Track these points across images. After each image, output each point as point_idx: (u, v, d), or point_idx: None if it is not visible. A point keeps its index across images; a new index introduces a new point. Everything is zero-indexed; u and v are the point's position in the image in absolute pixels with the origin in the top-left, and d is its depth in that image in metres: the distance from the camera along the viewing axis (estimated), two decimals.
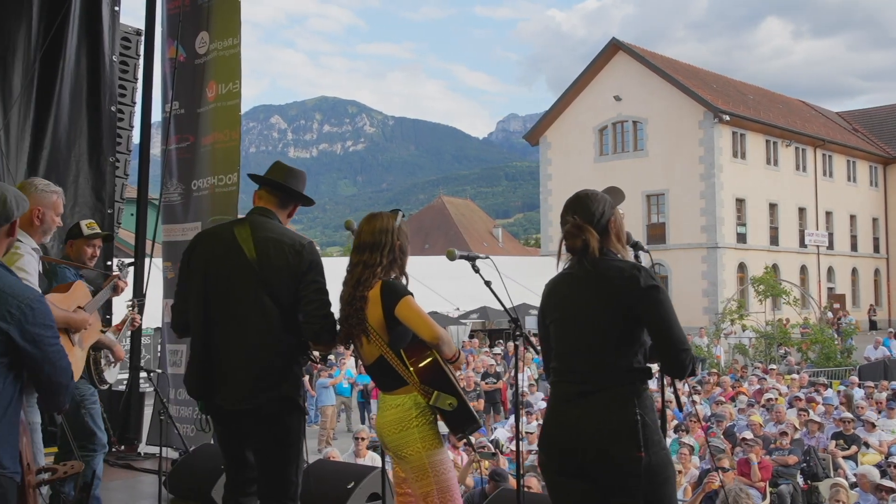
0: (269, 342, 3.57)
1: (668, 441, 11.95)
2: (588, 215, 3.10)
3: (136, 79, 8.79)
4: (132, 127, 8.75)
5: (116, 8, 8.34)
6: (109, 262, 7.73)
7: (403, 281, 3.67)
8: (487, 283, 3.63)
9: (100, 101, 8.11)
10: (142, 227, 8.39)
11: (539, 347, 3.31)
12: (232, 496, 3.85)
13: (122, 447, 7.76)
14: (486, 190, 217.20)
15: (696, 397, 15.59)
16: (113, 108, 8.27)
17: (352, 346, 3.74)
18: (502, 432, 14.19)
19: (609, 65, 38.61)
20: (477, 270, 3.78)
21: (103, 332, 5.26)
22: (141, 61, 8.63)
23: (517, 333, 3.58)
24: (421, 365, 3.53)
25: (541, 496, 5.46)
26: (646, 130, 37.25)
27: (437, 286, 25.99)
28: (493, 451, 4.02)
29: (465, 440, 3.69)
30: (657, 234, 36.62)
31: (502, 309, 3.73)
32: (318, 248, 3.83)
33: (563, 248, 3.15)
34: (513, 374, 18.96)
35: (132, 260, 5.55)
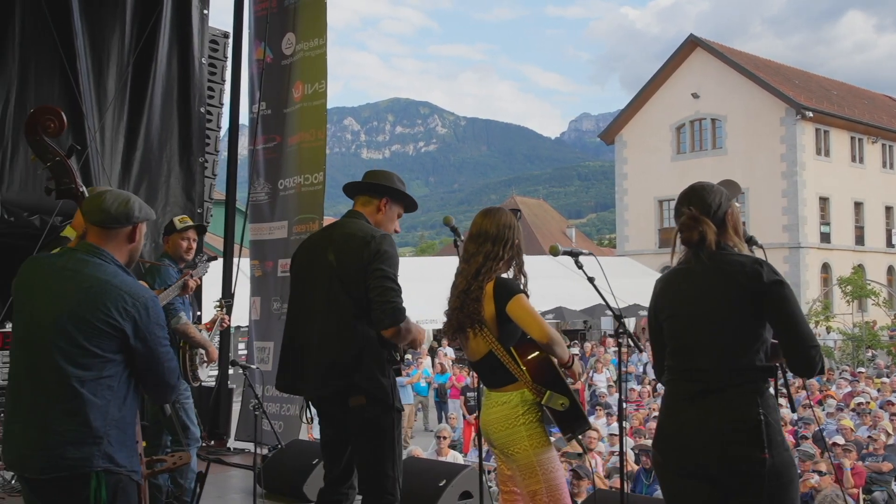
0: (341, 333, 3.59)
1: None
2: (704, 207, 3.00)
3: (224, 80, 8.95)
4: (220, 128, 8.91)
5: (206, 11, 8.52)
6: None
7: (522, 281, 3.63)
8: (591, 280, 3.56)
9: (190, 103, 8.29)
10: (230, 226, 8.53)
11: (645, 346, 3.23)
12: (328, 489, 3.86)
13: (212, 442, 7.90)
14: (558, 190, 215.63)
15: (781, 400, 15.17)
16: (202, 110, 8.44)
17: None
18: None
19: (686, 62, 37.90)
20: (580, 266, 3.71)
21: (199, 330, 5.35)
22: (229, 63, 8.78)
23: (621, 331, 3.49)
24: (533, 363, 3.48)
25: (635, 497, 5.36)
26: (725, 128, 36.45)
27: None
28: (581, 451, 3.94)
29: (574, 440, 3.58)
30: None
31: (578, 310, 3.70)
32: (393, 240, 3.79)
33: (678, 241, 3.05)
34: (591, 374, 18.77)
35: (209, 256, 5.55)
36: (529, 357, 3.48)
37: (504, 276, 3.59)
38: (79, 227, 3.62)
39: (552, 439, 3.51)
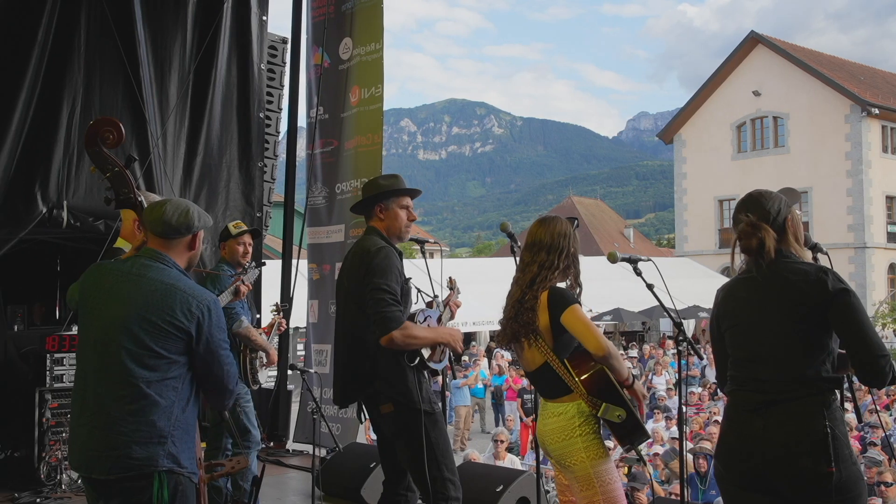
0: (356, 345, 3.81)
1: None
2: (763, 213, 2.94)
3: (283, 86, 9.06)
4: (279, 132, 9.02)
5: (264, 18, 8.63)
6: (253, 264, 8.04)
7: (577, 290, 3.62)
8: (650, 287, 3.50)
9: (249, 109, 8.40)
10: (288, 230, 8.63)
11: (705, 349, 3.18)
12: (385, 490, 4.01)
13: (272, 444, 7.99)
14: (616, 190, 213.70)
15: (846, 405, 14.79)
16: (261, 115, 8.56)
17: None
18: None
19: (747, 59, 37.26)
20: (639, 273, 3.66)
21: (259, 334, 5.42)
22: (287, 68, 8.89)
23: (680, 339, 3.44)
24: (587, 375, 3.45)
25: None
26: (787, 126, 35.75)
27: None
28: (638, 457, 3.88)
29: (632, 450, 3.57)
30: None
31: (636, 311, 3.65)
32: (390, 251, 3.89)
33: (738, 248, 3.00)
34: (650, 377, 18.56)
35: (257, 262, 5.59)
36: (584, 368, 3.45)
37: (560, 285, 3.57)
38: (129, 236, 3.71)
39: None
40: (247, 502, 5.08)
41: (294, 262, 8.22)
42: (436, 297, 4.24)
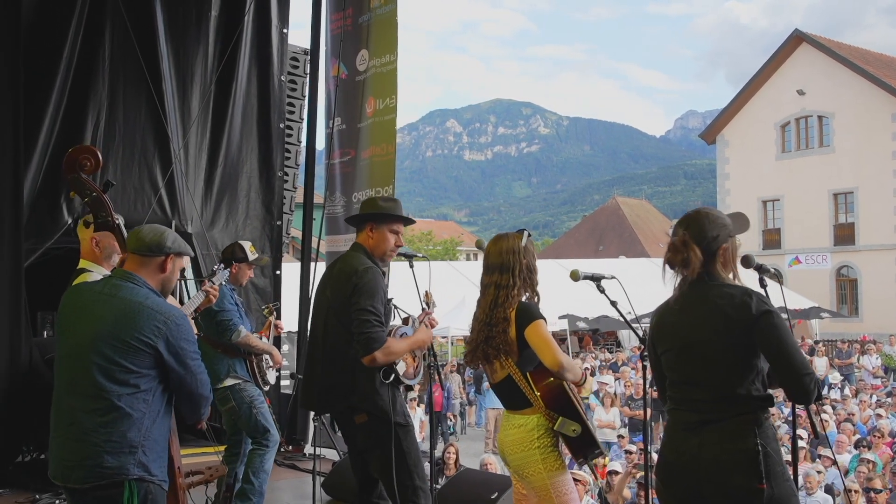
0: (336, 360, 3.93)
1: (848, 457, 11.29)
2: (700, 235, 3.01)
3: (304, 96, 9.24)
4: (300, 142, 9.20)
5: (285, 31, 8.83)
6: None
7: (536, 300, 3.72)
8: (613, 304, 3.59)
9: (269, 119, 8.61)
10: (307, 236, 8.80)
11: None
12: (359, 497, 4.16)
13: (290, 448, 8.17)
14: (663, 189, 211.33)
15: (880, 410, 14.59)
16: (282, 125, 8.75)
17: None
18: None
19: (791, 57, 36.70)
20: (602, 291, 3.75)
21: (260, 338, 5.58)
22: (308, 79, 9.07)
23: (645, 354, 3.50)
24: (546, 389, 3.55)
25: None
26: (832, 125, 35.15)
27: (609, 289, 25.58)
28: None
29: (586, 465, 3.68)
30: (845, 234, 34.48)
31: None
32: (374, 272, 3.98)
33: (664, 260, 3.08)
34: None
35: (224, 264, 5.44)
36: (544, 383, 3.55)
37: (525, 300, 3.66)
38: (88, 254, 3.95)
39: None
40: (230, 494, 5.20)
41: (312, 265, 8.38)
42: (409, 316, 4.36)
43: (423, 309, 4.34)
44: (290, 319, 8.62)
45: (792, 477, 2.93)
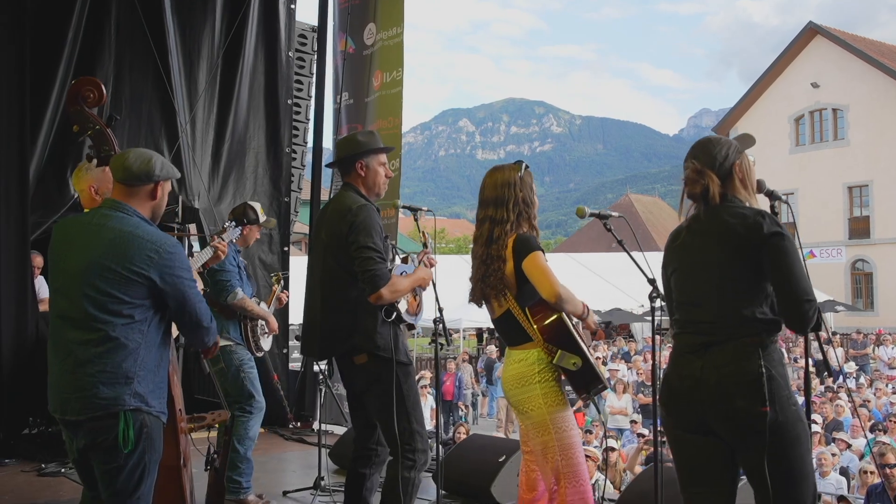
0: (335, 300, 3.83)
1: (862, 441, 11.15)
2: (709, 160, 2.94)
3: (313, 73, 9.20)
4: (309, 119, 9.15)
5: (293, 6, 8.79)
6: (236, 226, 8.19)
7: (535, 234, 3.63)
8: (620, 242, 3.51)
9: (277, 96, 8.56)
10: (315, 212, 8.75)
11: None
12: (356, 445, 4.04)
13: (299, 423, 8.13)
14: (677, 188, 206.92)
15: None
16: (290, 102, 8.70)
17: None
18: None
19: (805, 50, 36.42)
20: (609, 229, 3.67)
21: (258, 303, 5.51)
22: (316, 56, 9.02)
23: (654, 295, 3.40)
24: (545, 323, 3.47)
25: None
26: (847, 118, 34.85)
27: (621, 283, 25.59)
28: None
29: (589, 400, 3.59)
30: (860, 227, 34.20)
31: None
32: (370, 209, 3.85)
33: (685, 195, 3.00)
34: None
35: (231, 224, 5.21)
36: (542, 317, 3.48)
37: (524, 232, 3.58)
38: (89, 203, 3.85)
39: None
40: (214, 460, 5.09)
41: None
42: (408, 255, 4.29)
43: (422, 248, 4.25)
44: (297, 313, 8.52)
45: (800, 404, 2.83)
